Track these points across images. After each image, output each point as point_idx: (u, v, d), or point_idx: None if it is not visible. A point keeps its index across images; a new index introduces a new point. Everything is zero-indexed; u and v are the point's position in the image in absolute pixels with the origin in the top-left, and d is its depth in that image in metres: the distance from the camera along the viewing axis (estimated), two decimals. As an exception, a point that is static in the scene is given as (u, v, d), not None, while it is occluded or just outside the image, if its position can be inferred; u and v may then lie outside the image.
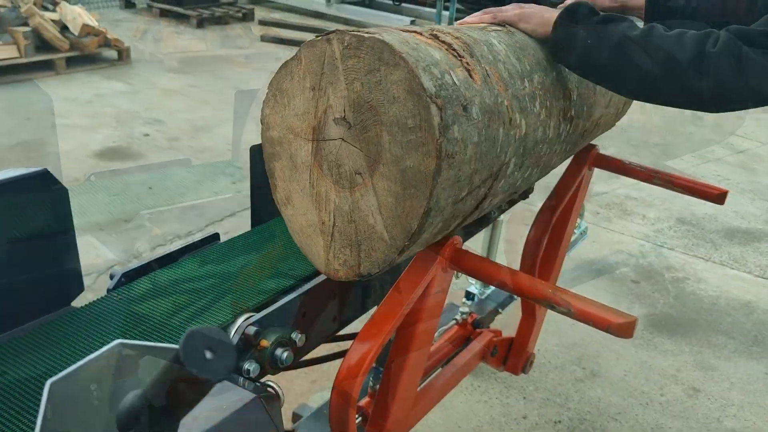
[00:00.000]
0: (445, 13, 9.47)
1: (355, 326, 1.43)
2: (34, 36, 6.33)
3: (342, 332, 1.49)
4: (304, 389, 2.85)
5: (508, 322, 3.16)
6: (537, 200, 2.16)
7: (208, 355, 0.44)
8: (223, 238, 1.56)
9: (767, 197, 5.24)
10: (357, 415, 1.80)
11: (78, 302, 1.27)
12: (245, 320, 1.18)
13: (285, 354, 1.19)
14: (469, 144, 1.12)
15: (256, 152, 1.48)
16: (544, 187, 2.04)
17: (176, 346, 0.49)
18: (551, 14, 1.41)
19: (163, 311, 1.20)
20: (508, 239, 4.08)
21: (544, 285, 1.29)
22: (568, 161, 2.02)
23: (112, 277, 1.30)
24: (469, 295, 2.80)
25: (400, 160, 1.07)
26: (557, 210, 2.07)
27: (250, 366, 1.14)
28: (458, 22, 1.53)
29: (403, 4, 10.44)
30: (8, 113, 5.46)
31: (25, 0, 6.58)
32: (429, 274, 1.35)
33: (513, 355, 2.43)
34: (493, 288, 2.77)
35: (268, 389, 1.11)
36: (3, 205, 1.11)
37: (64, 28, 6.62)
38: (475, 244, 2.70)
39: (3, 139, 4.97)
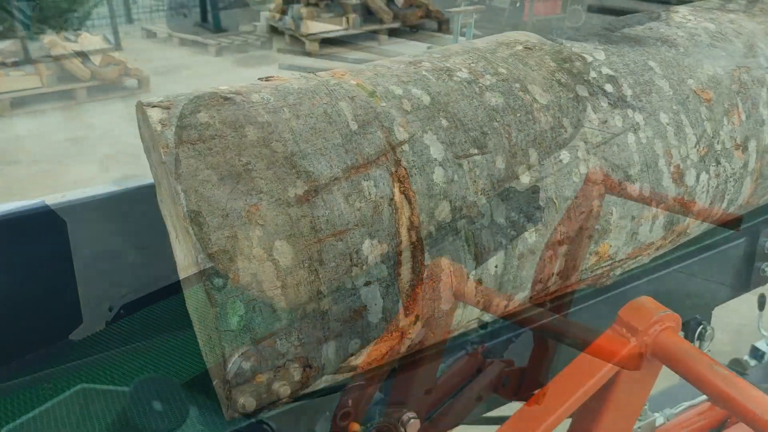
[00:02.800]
0: (462, 39, 9.52)
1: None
2: (56, 66, 6.46)
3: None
4: None
5: None
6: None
7: (157, 406, 0.43)
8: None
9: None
10: None
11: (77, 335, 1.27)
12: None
13: None
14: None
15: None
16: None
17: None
18: None
19: (161, 344, 1.19)
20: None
21: None
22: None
23: (110, 309, 1.29)
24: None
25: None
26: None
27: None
28: None
29: (420, 31, 10.51)
30: (30, 141, 5.56)
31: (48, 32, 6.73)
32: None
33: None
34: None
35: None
36: (1, 239, 1.11)
37: (86, 59, 6.76)
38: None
39: (22, 167, 5.06)
